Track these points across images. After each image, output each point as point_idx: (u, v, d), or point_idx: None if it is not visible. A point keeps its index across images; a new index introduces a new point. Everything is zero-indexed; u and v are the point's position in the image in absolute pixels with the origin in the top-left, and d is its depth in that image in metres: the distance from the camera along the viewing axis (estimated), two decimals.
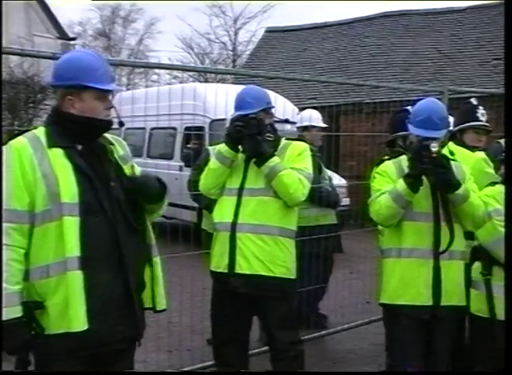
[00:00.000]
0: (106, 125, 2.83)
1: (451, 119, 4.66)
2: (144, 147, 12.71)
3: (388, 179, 3.82)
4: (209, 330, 5.31)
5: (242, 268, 3.89)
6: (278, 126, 11.57)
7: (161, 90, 9.41)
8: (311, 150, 6.39)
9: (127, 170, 2.91)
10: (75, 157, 2.68)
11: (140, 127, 12.30)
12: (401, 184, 3.64)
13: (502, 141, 6.97)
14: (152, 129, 12.24)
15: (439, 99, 4.33)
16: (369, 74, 16.89)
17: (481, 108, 4.84)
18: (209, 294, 5.59)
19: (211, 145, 6.46)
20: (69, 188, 2.61)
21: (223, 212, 4.02)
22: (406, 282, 3.74)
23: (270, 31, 21.95)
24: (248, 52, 27.94)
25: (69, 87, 2.71)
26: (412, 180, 3.62)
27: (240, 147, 3.99)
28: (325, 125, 6.66)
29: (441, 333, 3.79)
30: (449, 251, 3.69)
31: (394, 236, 3.82)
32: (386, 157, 4.04)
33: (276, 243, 3.92)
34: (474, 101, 4.93)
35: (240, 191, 3.97)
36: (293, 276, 4.05)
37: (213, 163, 4.08)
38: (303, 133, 6.52)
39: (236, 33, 35.79)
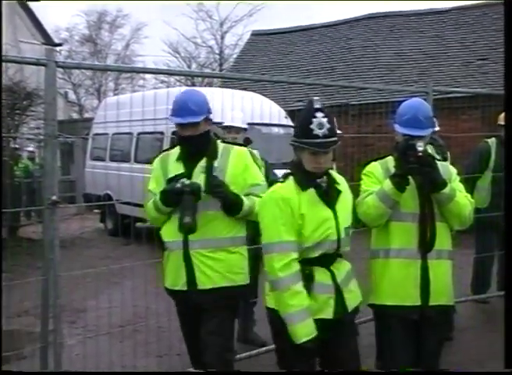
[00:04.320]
0: None
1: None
2: (132, 152, 12.69)
3: (375, 180, 3.83)
4: None
5: (204, 283, 3.83)
6: (265, 129, 11.64)
7: (146, 95, 9.40)
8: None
9: None
10: None
11: (127, 132, 12.29)
12: (388, 184, 3.65)
13: (490, 140, 7.03)
14: (139, 134, 12.23)
15: (424, 100, 4.35)
16: (355, 76, 16.94)
17: (319, 114, 3.26)
18: None
19: None
20: None
21: (173, 231, 3.89)
22: (394, 283, 3.74)
23: (256, 34, 21.98)
24: (235, 56, 27.96)
25: None
26: (399, 179, 3.63)
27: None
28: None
29: (430, 333, 3.80)
30: (437, 250, 3.71)
31: (382, 237, 3.83)
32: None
33: (230, 253, 3.89)
34: (315, 101, 3.32)
35: None
36: (248, 281, 4.03)
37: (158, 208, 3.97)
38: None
39: (222, 37, 35.85)
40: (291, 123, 11.65)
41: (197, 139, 3.86)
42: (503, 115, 6.33)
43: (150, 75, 33.03)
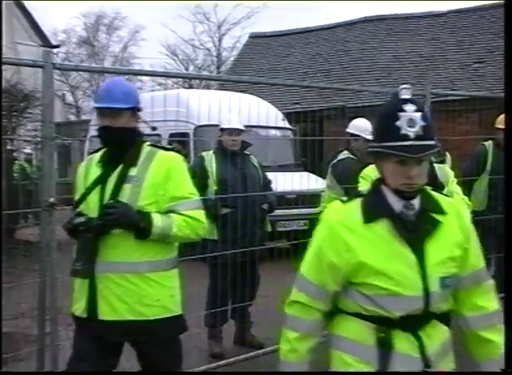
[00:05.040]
0: None
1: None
2: None
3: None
4: (196, 337, 5.30)
5: (105, 314, 3.22)
6: (262, 131, 11.63)
7: (143, 97, 9.40)
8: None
9: None
10: None
11: None
12: None
13: (486, 143, 7.03)
14: None
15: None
16: (352, 78, 16.95)
17: (410, 107, 2.24)
18: (195, 300, 5.59)
19: (195, 151, 6.50)
20: None
21: None
22: None
23: (254, 37, 22.00)
24: (232, 58, 28.00)
25: None
26: None
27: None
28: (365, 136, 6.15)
29: None
30: None
31: None
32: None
33: (145, 281, 3.22)
34: (402, 89, 2.33)
35: None
36: (173, 313, 3.37)
37: None
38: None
39: (220, 39, 35.93)
40: (288, 126, 11.67)
41: (116, 133, 3.24)
42: (500, 118, 6.34)
43: (147, 77, 33.03)
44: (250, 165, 5.82)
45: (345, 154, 6.34)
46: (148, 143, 3.40)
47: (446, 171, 3.91)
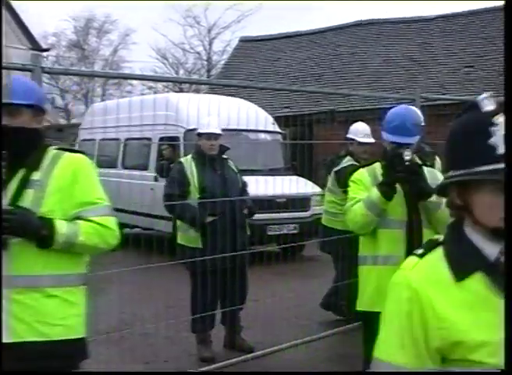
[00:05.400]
0: None
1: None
2: (119, 158, 12.66)
3: (362, 187, 3.84)
4: (186, 341, 5.28)
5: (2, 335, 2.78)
6: (252, 134, 11.58)
7: (132, 101, 9.38)
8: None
9: None
10: None
11: (114, 138, 12.26)
12: (375, 193, 3.66)
13: None
14: (127, 139, 12.21)
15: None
16: (342, 82, 16.99)
17: (501, 119, 1.52)
18: (185, 305, 5.58)
19: (185, 155, 6.48)
20: None
21: None
22: (381, 289, 3.73)
23: (244, 41, 22.03)
24: (223, 62, 28.02)
25: None
26: (386, 188, 3.64)
27: None
28: (368, 140, 6.44)
29: None
30: None
31: (369, 243, 3.83)
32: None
33: (47, 296, 2.83)
34: (483, 100, 1.58)
35: None
36: (79, 335, 2.93)
37: None
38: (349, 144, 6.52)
39: (210, 43, 35.93)
40: (278, 130, 11.67)
41: (14, 133, 2.87)
42: None
43: (137, 81, 33.07)
44: (230, 169, 5.78)
45: (348, 160, 6.38)
46: (55, 146, 3.03)
47: (435, 175, 3.91)
